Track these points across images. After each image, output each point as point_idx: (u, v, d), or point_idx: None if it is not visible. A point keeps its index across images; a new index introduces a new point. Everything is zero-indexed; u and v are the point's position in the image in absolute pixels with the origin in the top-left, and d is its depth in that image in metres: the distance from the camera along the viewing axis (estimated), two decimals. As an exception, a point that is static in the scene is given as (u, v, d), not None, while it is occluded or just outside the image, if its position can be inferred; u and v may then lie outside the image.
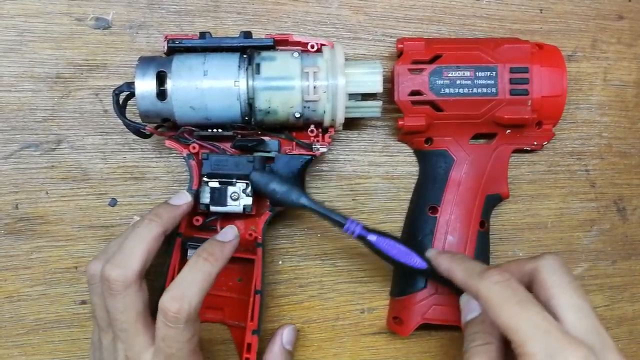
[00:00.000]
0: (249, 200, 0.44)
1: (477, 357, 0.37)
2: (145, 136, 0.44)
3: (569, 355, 0.32)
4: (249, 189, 0.44)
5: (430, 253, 0.43)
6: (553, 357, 0.32)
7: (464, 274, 0.39)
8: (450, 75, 0.45)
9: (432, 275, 0.42)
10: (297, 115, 0.43)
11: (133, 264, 0.38)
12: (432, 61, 0.46)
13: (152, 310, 0.39)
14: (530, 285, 0.38)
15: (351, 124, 0.50)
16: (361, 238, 0.42)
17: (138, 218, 0.43)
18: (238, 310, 0.47)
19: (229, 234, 0.42)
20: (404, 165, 0.50)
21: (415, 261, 0.42)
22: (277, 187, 0.42)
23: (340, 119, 0.43)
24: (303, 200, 0.42)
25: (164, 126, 0.45)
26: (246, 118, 0.42)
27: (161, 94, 0.42)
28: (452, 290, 0.42)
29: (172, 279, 0.43)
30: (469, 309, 0.41)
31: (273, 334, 0.47)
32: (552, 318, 0.34)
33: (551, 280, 0.37)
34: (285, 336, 0.47)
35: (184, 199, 0.43)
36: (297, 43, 0.44)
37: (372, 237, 0.42)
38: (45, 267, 0.48)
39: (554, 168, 0.51)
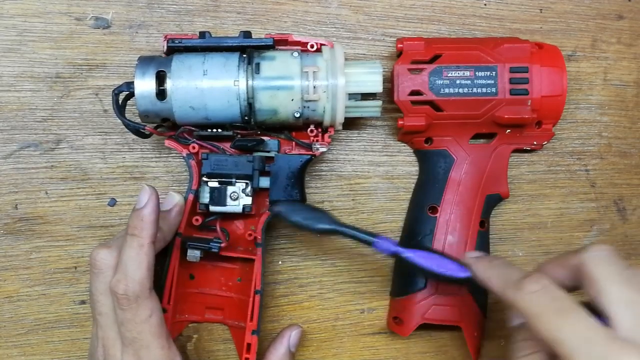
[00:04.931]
0: (248, 200, 0.44)
1: None
2: (144, 136, 0.44)
3: None
4: (249, 188, 0.44)
5: (468, 259, 0.41)
6: None
7: (500, 284, 0.37)
8: (450, 75, 0.45)
9: (476, 284, 0.40)
10: (297, 115, 0.43)
11: (111, 248, 0.40)
12: (431, 61, 0.46)
13: None
14: (579, 282, 0.35)
15: (351, 123, 0.50)
16: (395, 255, 0.41)
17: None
18: (238, 310, 0.47)
19: (142, 200, 0.40)
20: (404, 165, 0.50)
21: (456, 271, 0.41)
22: (302, 217, 0.42)
23: (340, 118, 0.43)
24: (328, 226, 0.42)
25: (163, 126, 0.45)
26: (246, 118, 0.42)
27: (161, 94, 0.42)
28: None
29: (172, 278, 0.43)
30: (516, 314, 0.38)
31: (279, 335, 0.47)
32: (598, 323, 0.31)
33: (598, 273, 0.33)
34: (292, 338, 0.46)
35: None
36: (297, 43, 0.44)
37: (408, 254, 0.41)
38: (44, 267, 0.48)
39: (554, 168, 0.51)
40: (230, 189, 0.44)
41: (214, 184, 0.44)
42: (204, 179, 0.44)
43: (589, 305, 0.33)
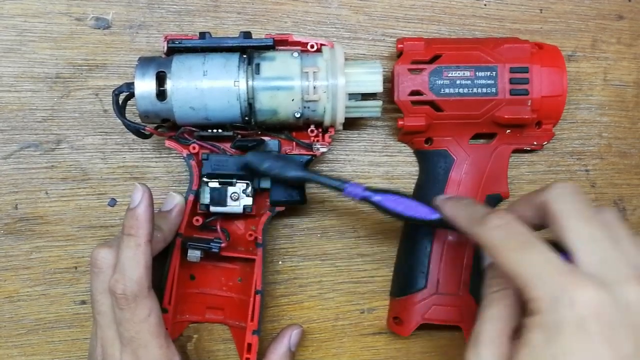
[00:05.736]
0: (249, 201, 0.44)
1: (493, 304, 0.35)
2: (145, 136, 0.44)
3: (576, 295, 0.29)
4: (249, 189, 0.44)
5: (438, 201, 0.41)
6: (558, 300, 0.30)
7: (466, 221, 0.37)
8: (450, 75, 0.45)
9: (445, 224, 0.40)
10: (297, 115, 0.43)
11: (112, 247, 0.40)
12: (432, 61, 0.46)
13: None
14: (545, 220, 0.35)
15: (351, 124, 0.50)
16: (365, 200, 0.41)
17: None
18: (238, 310, 0.47)
19: (135, 199, 0.39)
20: (404, 165, 0.50)
21: (426, 213, 0.41)
22: (271, 164, 0.42)
23: (340, 118, 0.43)
24: (299, 173, 0.42)
25: (163, 126, 0.45)
26: (246, 118, 0.42)
27: (161, 95, 0.42)
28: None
29: (172, 279, 0.43)
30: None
31: (279, 334, 0.47)
32: (558, 257, 0.31)
33: (561, 210, 0.33)
34: (293, 338, 0.46)
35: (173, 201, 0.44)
36: (297, 43, 0.44)
37: (376, 198, 0.41)
38: (45, 267, 0.48)
39: (554, 168, 0.51)
40: (230, 189, 0.44)
41: (214, 184, 0.44)
42: (205, 179, 0.44)
43: (557, 245, 0.32)
